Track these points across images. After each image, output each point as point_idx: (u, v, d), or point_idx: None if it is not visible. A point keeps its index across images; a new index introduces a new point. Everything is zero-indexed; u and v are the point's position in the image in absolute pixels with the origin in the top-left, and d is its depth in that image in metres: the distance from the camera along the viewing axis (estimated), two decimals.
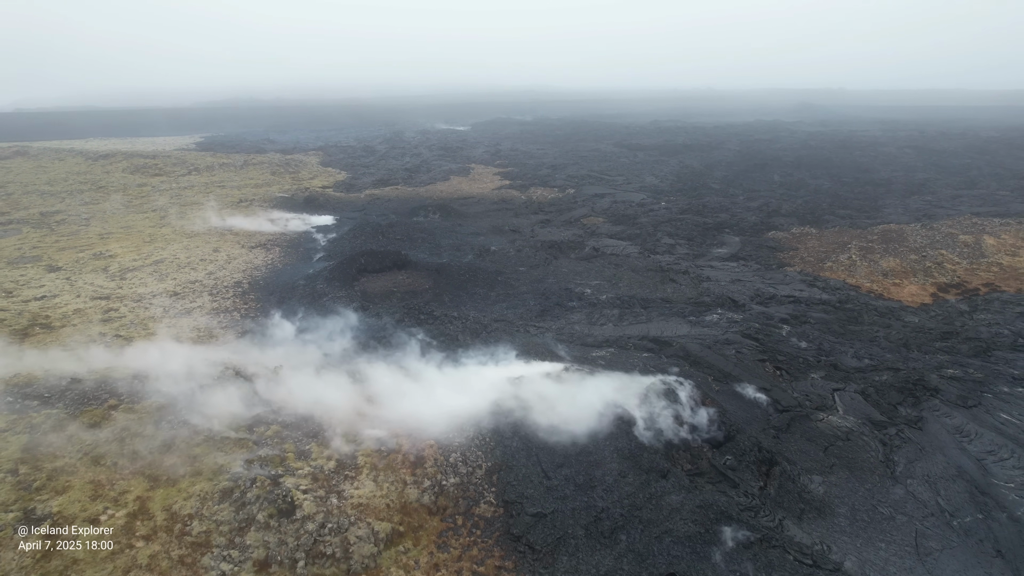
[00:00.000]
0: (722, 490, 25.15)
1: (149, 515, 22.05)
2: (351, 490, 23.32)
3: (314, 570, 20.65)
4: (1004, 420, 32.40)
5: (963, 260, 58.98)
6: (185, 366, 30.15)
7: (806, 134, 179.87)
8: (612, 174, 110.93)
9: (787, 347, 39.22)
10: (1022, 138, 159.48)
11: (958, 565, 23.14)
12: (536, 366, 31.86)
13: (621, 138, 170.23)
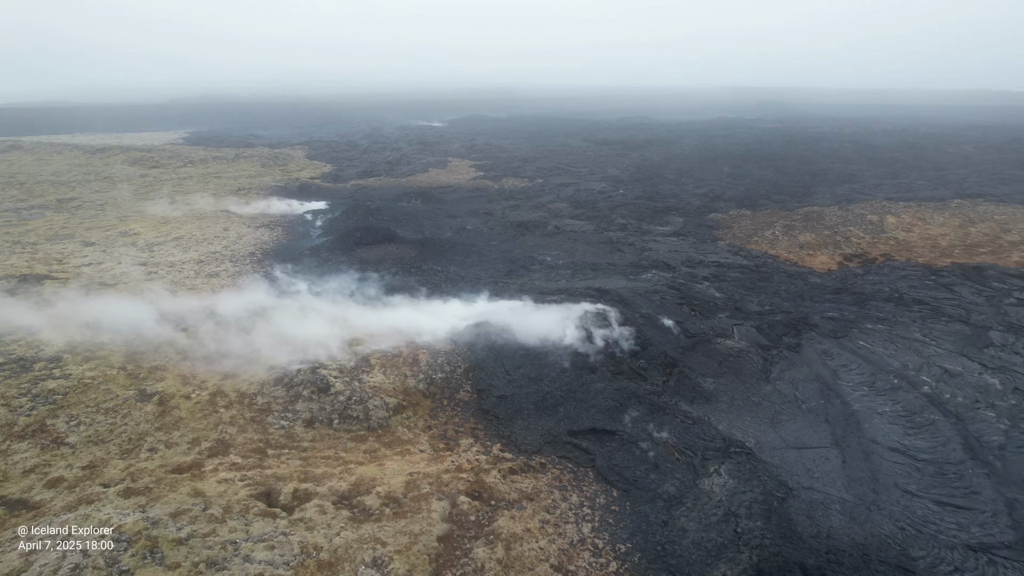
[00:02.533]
0: (635, 381, 34.92)
1: (225, 394, 31.18)
2: (367, 378, 32.71)
3: (345, 426, 29.99)
4: (860, 346, 42.66)
5: (867, 235, 69.75)
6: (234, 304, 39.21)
7: (761, 130, 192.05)
8: (578, 166, 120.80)
9: (704, 296, 49.31)
10: (952, 135, 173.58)
11: (797, 428, 33.10)
12: (502, 303, 41.58)
13: (589, 134, 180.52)
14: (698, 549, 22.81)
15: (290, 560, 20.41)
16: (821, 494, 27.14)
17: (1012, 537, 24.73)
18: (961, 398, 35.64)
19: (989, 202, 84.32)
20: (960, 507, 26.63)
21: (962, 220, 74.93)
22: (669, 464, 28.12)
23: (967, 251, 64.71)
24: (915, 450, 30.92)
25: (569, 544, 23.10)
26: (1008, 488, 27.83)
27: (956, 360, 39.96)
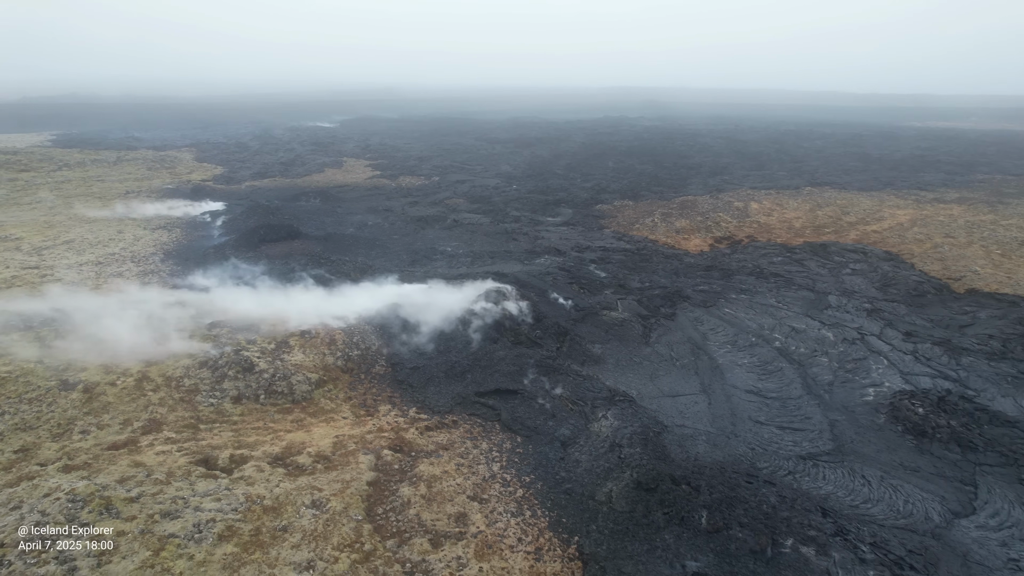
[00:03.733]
0: (532, 349, 39.31)
1: (151, 379, 32.79)
2: (289, 357, 35.23)
3: (271, 400, 32.49)
4: (726, 312, 49.16)
5: (734, 220, 78.09)
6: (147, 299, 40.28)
7: (643, 128, 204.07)
8: (472, 164, 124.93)
9: (591, 276, 54.66)
10: (809, 131, 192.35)
11: (672, 380, 38.58)
12: (409, 287, 44.95)
13: (481, 133, 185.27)
14: (589, 474, 27.32)
15: (237, 507, 23.05)
16: (691, 429, 32.49)
17: (831, 447, 31.01)
18: (803, 349, 42.51)
19: (834, 189, 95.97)
20: (796, 429, 32.77)
21: (812, 205, 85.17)
22: (564, 413, 32.60)
23: (816, 231, 74.10)
24: (766, 391, 37.10)
25: (482, 479, 26.98)
26: (831, 413, 34.37)
27: (802, 320, 47.12)
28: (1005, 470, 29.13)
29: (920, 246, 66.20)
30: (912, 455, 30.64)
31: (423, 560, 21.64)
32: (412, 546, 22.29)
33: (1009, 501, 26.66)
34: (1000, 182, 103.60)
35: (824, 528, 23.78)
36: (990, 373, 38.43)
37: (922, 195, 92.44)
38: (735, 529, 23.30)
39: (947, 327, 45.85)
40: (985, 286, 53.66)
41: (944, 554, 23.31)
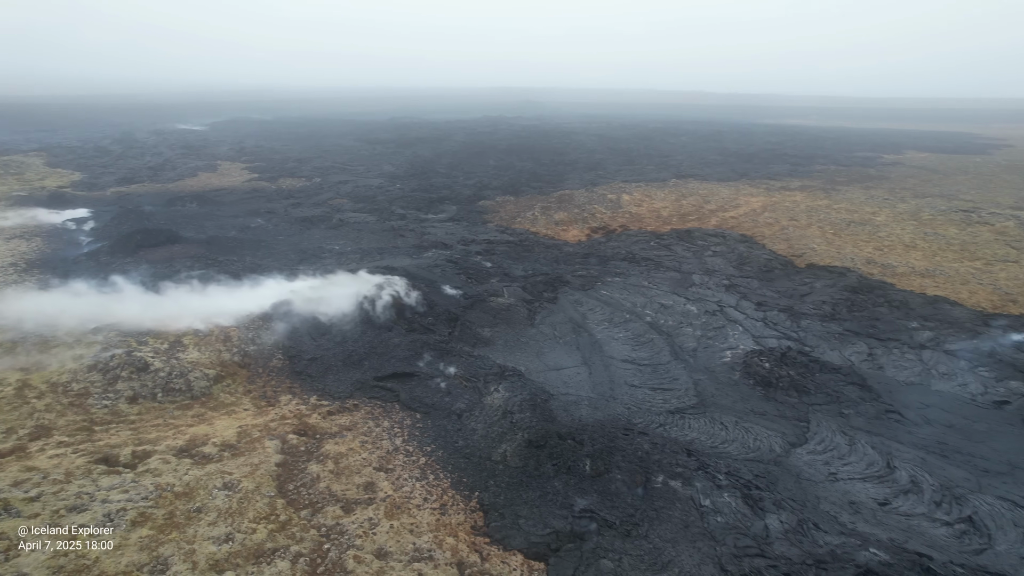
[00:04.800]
0: (426, 335, 41.45)
1: (33, 386, 32.00)
2: (184, 355, 35.35)
3: (169, 398, 32.66)
4: (602, 294, 53.35)
5: (608, 211, 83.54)
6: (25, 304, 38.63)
7: (521, 127, 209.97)
8: (354, 165, 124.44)
9: (478, 266, 57.40)
10: (674, 128, 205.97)
11: (556, 356, 41.94)
12: (301, 283, 45.71)
13: (362, 134, 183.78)
14: (485, 439, 29.92)
15: (148, 496, 23.69)
16: (575, 396, 35.85)
17: (695, 402, 35.41)
18: (671, 322, 47.27)
19: (697, 180, 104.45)
20: (666, 389, 36.98)
21: (677, 195, 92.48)
22: (459, 390, 34.99)
23: (681, 219, 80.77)
24: (639, 359, 41.24)
25: (386, 453, 28.89)
26: (695, 374, 38.96)
27: (669, 297, 52.09)
28: (830, 407, 34.69)
29: (770, 229, 74.09)
30: (760, 402, 35.64)
31: (337, 524, 23.36)
32: (325, 513, 23.94)
33: (832, 431, 31.94)
34: (834, 172, 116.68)
35: (689, 465, 27.66)
36: (822, 332, 44.76)
37: (771, 184, 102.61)
38: (615, 472, 26.69)
39: (790, 297, 52.37)
40: (820, 260, 61.38)
41: (782, 475, 27.88)
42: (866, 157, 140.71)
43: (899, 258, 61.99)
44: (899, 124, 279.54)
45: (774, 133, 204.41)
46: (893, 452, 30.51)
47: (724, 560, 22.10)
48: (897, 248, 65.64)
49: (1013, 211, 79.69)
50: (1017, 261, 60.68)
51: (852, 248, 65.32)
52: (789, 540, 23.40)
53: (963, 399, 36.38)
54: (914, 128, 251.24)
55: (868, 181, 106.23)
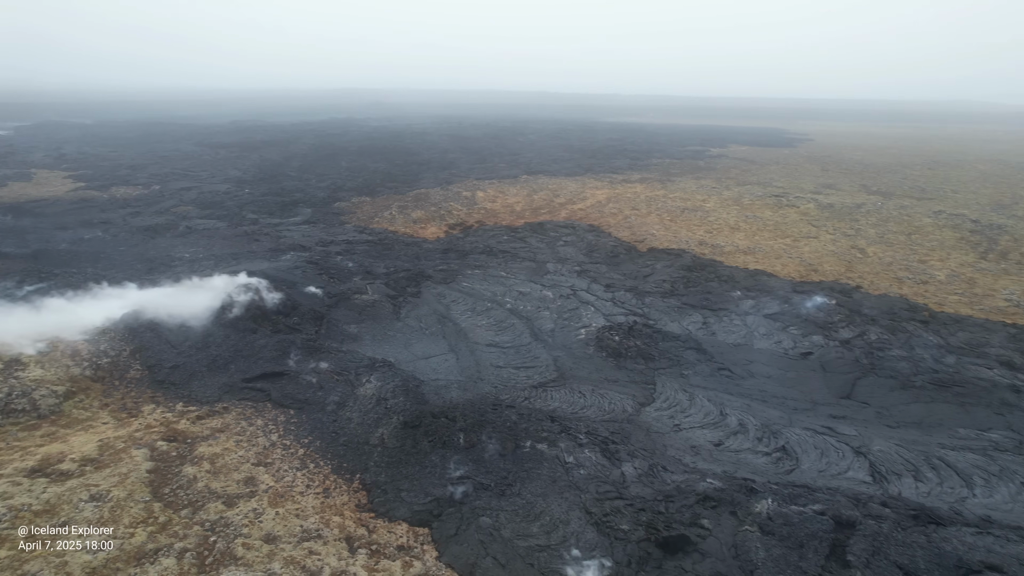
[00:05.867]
0: (292, 335, 41.43)
1: None
2: (24, 374, 33.03)
3: (11, 419, 30.53)
4: (464, 286, 55.44)
5: (464, 208, 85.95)
6: None
7: (372, 128, 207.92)
8: (197, 170, 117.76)
9: (339, 266, 57.53)
10: (523, 127, 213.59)
11: (424, 346, 43.46)
12: (154, 291, 43.73)
13: (201, 138, 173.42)
14: (362, 426, 30.96)
15: (2, 517, 22.50)
16: (444, 381, 37.61)
17: (556, 376, 38.48)
18: (530, 307, 50.30)
19: (546, 176, 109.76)
20: (528, 367, 39.75)
21: (529, 191, 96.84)
22: (331, 384, 35.59)
23: (533, 212, 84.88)
24: (502, 343, 43.76)
25: (263, 448, 29.10)
26: (554, 352, 42.13)
27: (527, 285, 55.20)
28: (672, 370, 39.16)
29: (614, 218, 79.96)
30: (613, 371, 39.39)
31: (221, 518, 23.55)
32: (208, 510, 24.00)
33: (674, 390, 36.21)
34: (669, 165, 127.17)
35: (553, 430, 30.38)
36: (663, 306, 49.79)
37: (614, 177, 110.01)
38: (487, 442, 28.81)
39: (635, 278, 57.37)
40: (660, 244, 67.52)
41: (634, 430, 31.40)
42: (696, 151, 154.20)
43: (726, 239, 69.59)
44: (724, 121, 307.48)
45: (615, 130, 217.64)
46: (725, 403, 35.17)
47: (588, 504, 24.90)
48: (724, 230, 73.54)
49: (813, 195, 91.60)
50: (817, 237, 70.33)
51: (686, 232, 72.33)
52: (642, 482, 26.70)
53: (778, 354, 42.35)
54: (736, 124, 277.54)
55: (698, 172, 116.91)
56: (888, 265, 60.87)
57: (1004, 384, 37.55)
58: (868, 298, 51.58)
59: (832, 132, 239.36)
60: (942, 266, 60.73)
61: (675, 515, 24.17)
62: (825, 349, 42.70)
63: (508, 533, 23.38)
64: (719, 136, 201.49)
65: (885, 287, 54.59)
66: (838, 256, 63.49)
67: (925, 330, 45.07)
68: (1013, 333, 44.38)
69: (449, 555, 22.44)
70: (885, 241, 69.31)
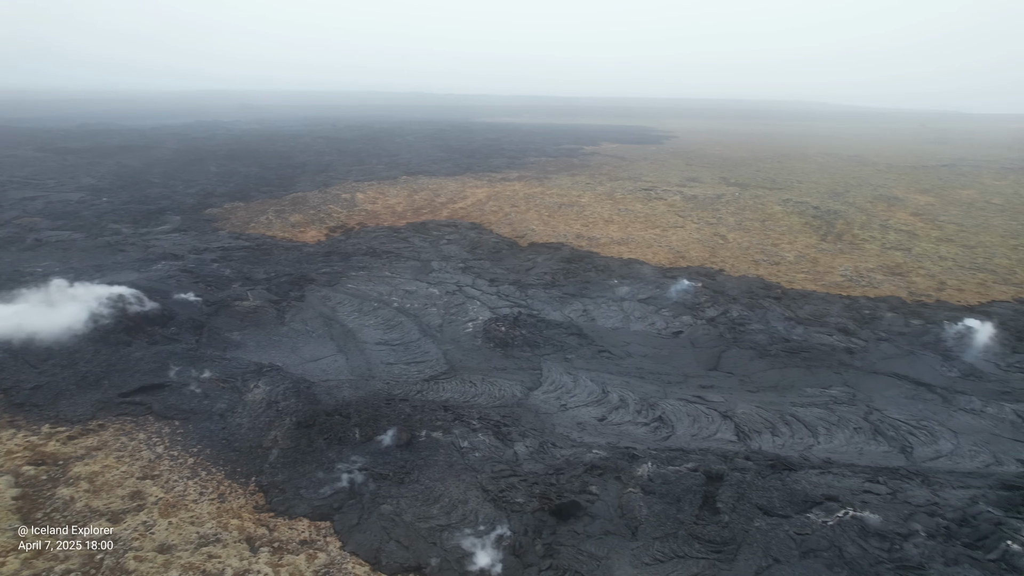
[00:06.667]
0: (171, 345, 39.76)
1: None
2: None
3: None
4: (349, 287, 55.03)
5: (344, 210, 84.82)
6: None
7: (241, 131, 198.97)
8: (41, 178, 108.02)
9: (216, 273, 55.42)
10: (400, 128, 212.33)
11: (312, 349, 43.00)
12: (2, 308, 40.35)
13: (44, 142, 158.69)
14: (253, 431, 30.50)
15: None
16: (335, 381, 37.54)
17: (446, 368, 39.48)
18: (417, 305, 50.90)
19: (426, 176, 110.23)
20: (419, 362, 40.47)
21: (409, 191, 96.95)
22: (217, 392, 34.64)
23: (415, 213, 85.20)
24: (391, 341, 44.16)
25: (148, 462, 28.02)
26: (444, 346, 43.11)
27: (412, 284, 55.71)
28: (556, 355, 41.29)
29: (495, 215, 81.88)
30: (501, 360, 40.92)
31: (106, 536, 22.63)
32: (90, 529, 22.95)
33: (560, 373, 38.28)
34: (545, 163, 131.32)
35: (447, 418, 31.39)
36: (545, 297, 52.04)
37: (493, 176, 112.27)
38: (383, 435, 29.36)
39: (518, 272, 59.36)
40: (539, 239, 70.06)
41: (524, 413, 33.03)
42: (570, 149, 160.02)
43: (601, 231, 73.29)
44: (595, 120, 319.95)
45: (492, 130, 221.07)
46: (606, 381, 37.59)
47: (485, 483, 26.13)
48: (599, 223, 77.35)
49: (678, 188, 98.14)
50: (683, 226, 75.64)
51: (564, 226, 75.42)
52: (534, 459, 28.27)
53: (652, 334, 45.61)
54: (606, 123, 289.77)
55: (573, 169, 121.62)
56: (746, 249, 66.65)
57: (841, 347, 42.75)
58: (730, 280, 56.42)
59: (695, 129, 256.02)
60: (791, 248, 67.32)
61: (566, 485, 25.91)
62: (694, 327, 46.48)
63: (410, 517, 24.14)
64: (591, 135, 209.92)
65: (744, 269, 59.87)
66: (702, 243, 68.71)
67: (778, 305, 50.08)
68: (848, 304, 50.30)
69: (353, 543, 22.88)
70: (743, 228, 75.70)
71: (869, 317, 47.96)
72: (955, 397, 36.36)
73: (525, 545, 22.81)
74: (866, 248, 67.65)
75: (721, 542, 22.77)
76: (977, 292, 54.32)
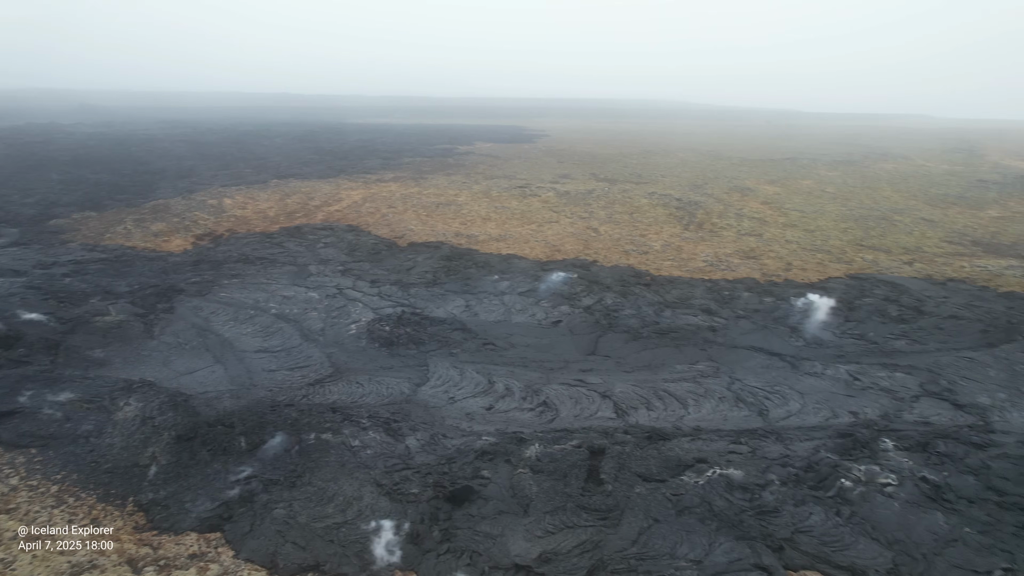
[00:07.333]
0: (20, 368, 36.68)
1: None
2: None
3: None
4: (222, 296, 52.77)
5: (211, 217, 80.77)
6: None
7: (86, 135, 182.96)
8: None
9: (70, 288, 51.34)
10: (267, 131, 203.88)
11: (186, 361, 41.02)
12: None
13: None
14: (127, 449, 28.92)
15: None
16: (215, 392, 36.20)
17: (332, 371, 39.14)
18: (296, 310, 49.81)
19: (297, 179, 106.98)
20: (303, 367, 39.83)
21: (281, 195, 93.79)
22: (81, 414, 32.39)
23: (288, 217, 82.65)
24: (272, 347, 43.07)
25: (1, 495, 25.86)
26: (328, 349, 42.64)
27: (290, 289, 54.35)
28: (442, 351, 42.04)
29: (372, 217, 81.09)
30: (387, 359, 41.10)
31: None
32: None
33: (446, 368, 39.04)
34: (420, 163, 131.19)
35: (335, 419, 31.25)
36: (428, 295, 52.60)
37: (368, 177, 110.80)
38: (270, 441, 28.82)
39: (399, 271, 59.39)
40: (419, 239, 70.29)
41: (413, 408, 33.53)
42: (445, 149, 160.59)
43: (479, 229, 74.64)
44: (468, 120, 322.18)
45: (364, 131, 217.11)
46: (492, 372, 38.76)
47: (379, 478, 26.42)
48: (477, 221, 78.68)
49: (552, 184, 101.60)
50: (558, 221, 78.61)
51: (443, 225, 76.08)
52: (426, 451, 28.88)
53: (533, 325, 47.42)
54: (480, 123, 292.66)
55: (449, 169, 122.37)
56: (617, 241, 70.36)
57: (705, 327, 46.53)
58: (603, 270, 59.47)
59: (566, 128, 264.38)
60: (657, 238, 71.83)
61: (458, 472, 26.74)
62: (572, 316, 48.77)
63: (305, 518, 24.01)
64: (465, 135, 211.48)
65: (616, 259, 63.26)
66: (576, 236, 71.76)
67: (648, 291, 53.49)
68: (709, 286, 54.64)
69: (247, 551, 22.48)
70: (613, 221, 79.73)
71: (728, 298, 52.37)
72: (801, 363, 40.74)
73: (423, 532, 23.42)
74: (724, 235, 73.45)
75: (606, 509, 24.48)
76: (817, 271, 60.68)
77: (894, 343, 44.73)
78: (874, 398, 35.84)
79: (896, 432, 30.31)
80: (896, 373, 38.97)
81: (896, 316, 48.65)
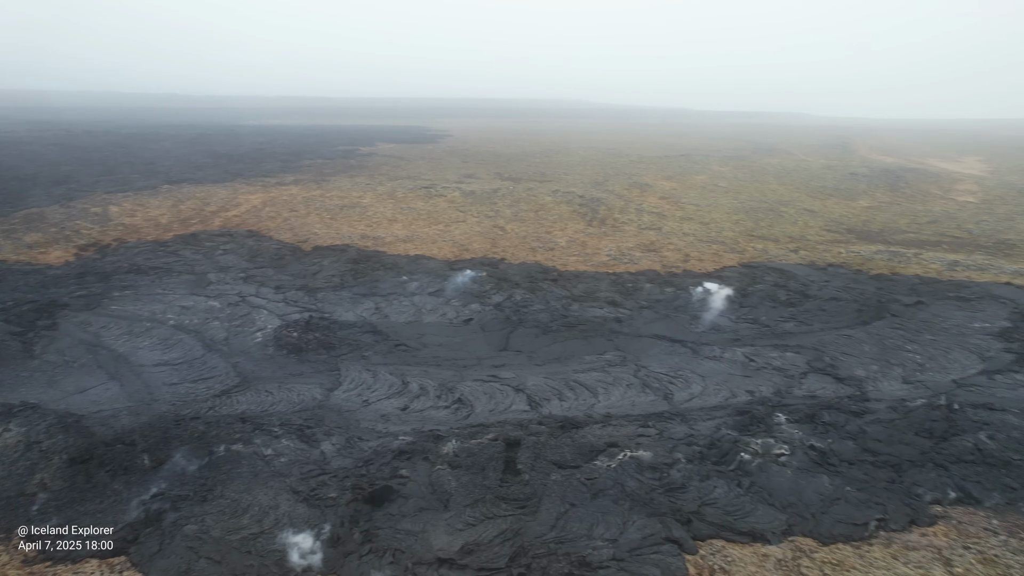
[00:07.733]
0: None
1: None
2: None
3: None
4: (113, 309, 49.76)
5: (96, 226, 75.73)
6: None
7: None
8: None
9: None
10: (153, 133, 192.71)
11: (75, 380, 38.47)
12: None
13: None
14: (10, 478, 26.85)
15: None
16: (110, 410, 34.22)
17: (238, 381, 37.92)
18: (197, 320, 47.73)
19: (191, 184, 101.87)
20: (207, 378, 38.33)
21: (174, 201, 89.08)
22: None
23: (183, 224, 78.73)
24: (172, 360, 41.13)
25: None
26: (233, 358, 41.23)
27: (189, 299, 51.99)
28: (353, 354, 41.61)
29: (273, 221, 78.57)
30: (297, 365, 40.20)
31: None
32: None
33: (358, 371, 38.66)
34: (321, 165, 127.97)
35: (246, 430, 30.33)
36: (336, 299, 51.72)
37: (267, 181, 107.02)
38: (176, 456, 27.65)
39: (304, 276, 57.97)
40: (324, 242, 68.81)
41: (327, 413, 33.03)
42: (346, 150, 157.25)
43: (386, 230, 73.93)
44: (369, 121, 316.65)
45: (261, 133, 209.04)
46: (405, 373, 38.70)
47: (295, 486, 25.95)
48: (383, 223, 77.86)
49: (457, 184, 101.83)
50: (465, 220, 79.03)
51: (348, 228, 74.80)
52: (342, 455, 28.58)
53: (445, 324, 47.66)
54: (380, 124, 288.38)
55: (351, 170, 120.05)
56: (523, 238, 71.56)
57: (611, 318, 48.32)
58: (511, 267, 60.42)
59: (468, 128, 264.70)
60: (562, 235, 73.63)
61: (377, 473, 26.67)
62: (482, 313, 49.34)
63: (218, 532, 23.26)
64: (367, 135, 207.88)
65: (523, 256, 64.39)
66: (484, 235, 72.43)
67: (555, 286, 54.86)
68: (613, 279, 56.70)
69: (157, 571, 21.53)
70: (519, 219, 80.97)
71: (632, 289, 54.53)
72: (701, 348, 43.12)
73: (343, 536, 23.23)
74: (625, 230, 76.24)
75: (524, 498, 25.15)
76: (713, 261, 64.18)
77: (784, 325, 48.12)
78: (768, 377, 38.52)
79: (788, 407, 32.79)
80: (787, 353, 42.00)
81: (785, 300, 52.31)
